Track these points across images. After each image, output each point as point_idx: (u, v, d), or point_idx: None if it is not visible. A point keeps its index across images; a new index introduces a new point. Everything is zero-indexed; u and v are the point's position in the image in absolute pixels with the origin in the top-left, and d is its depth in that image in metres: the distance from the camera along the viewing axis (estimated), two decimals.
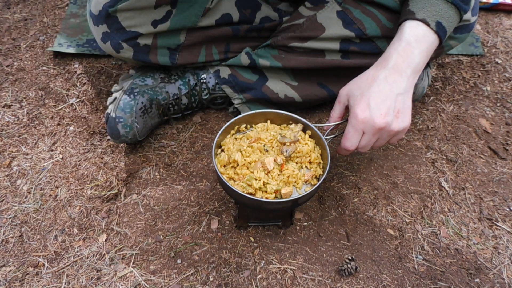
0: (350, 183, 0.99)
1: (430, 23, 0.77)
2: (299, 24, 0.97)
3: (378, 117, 0.74)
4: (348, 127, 0.77)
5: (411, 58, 0.76)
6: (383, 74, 0.76)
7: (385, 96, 0.75)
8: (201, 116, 1.12)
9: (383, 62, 0.77)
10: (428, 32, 0.78)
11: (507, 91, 1.22)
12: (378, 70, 0.77)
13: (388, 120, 0.74)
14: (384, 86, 0.75)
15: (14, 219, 0.91)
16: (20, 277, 0.82)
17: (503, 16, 1.47)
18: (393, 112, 0.75)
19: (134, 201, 0.95)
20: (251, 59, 1.01)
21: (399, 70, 0.76)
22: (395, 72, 0.76)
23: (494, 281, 0.84)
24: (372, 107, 0.74)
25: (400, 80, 0.76)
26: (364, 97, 0.75)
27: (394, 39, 0.79)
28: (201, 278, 0.83)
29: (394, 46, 0.78)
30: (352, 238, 0.90)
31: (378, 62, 0.79)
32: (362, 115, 0.74)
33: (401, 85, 0.75)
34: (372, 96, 0.75)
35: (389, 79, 0.75)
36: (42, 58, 1.27)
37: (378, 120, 0.74)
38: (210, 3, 0.93)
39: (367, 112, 0.74)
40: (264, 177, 0.76)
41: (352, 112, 0.76)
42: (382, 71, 0.76)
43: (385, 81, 0.75)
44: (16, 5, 1.44)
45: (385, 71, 0.76)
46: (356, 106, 0.75)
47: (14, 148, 1.04)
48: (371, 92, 0.75)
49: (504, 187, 1.00)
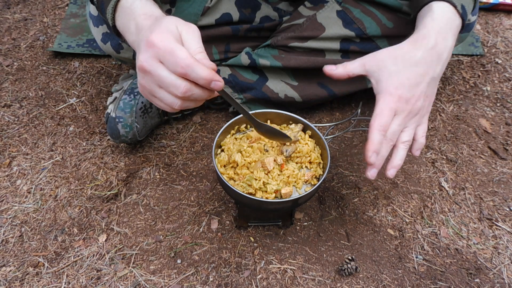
0: (350, 183, 0.99)
1: (457, 6, 0.71)
2: (299, 24, 0.97)
3: (413, 99, 0.68)
4: (380, 104, 0.68)
5: (447, 41, 0.70)
6: (422, 54, 0.68)
7: (422, 78, 0.68)
8: (201, 116, 1.12)
9: (423, 40, 0.69)
10: (455, 16, 0.71)
11: (507, 91, 1.22)
12: (417, 48, 0.69)
13: (419, 104, 0.69)
14: (421, 68, 0.68)
15: (14, 219, 0.91)
16: (20, 277, 0.82)
17: (503, 16, 1.47)
18: (424, 96, 0.69)
19: (134, 201, 0.95)
20: (251, 59, 1.01)
21: (438, 52, 0.69)
22: (435, 54, 0.69)
23: (494, 281, 0.84)
24: (408, 87, 0.67)
25: (437, 63, 0.70)
26: (401, 75, 0.68)
27: (426, 18, 0.71)
28: (201, 278, 0.83)
29: (430, 25, 0.70)
30: (352, 238, 0.90)
31: (416, 38, 0.70)
32: (398, 92, 0.67)
33: (437, 69, 0.70)
34: (409, 76, 0.68)
35: (427, 60, 0.69)
36: (42, 58, 1.27)
37: (413, 101, 0.68)
38: (209, 2, 0.93)
39: (402, 90, 0.67)
40: (264, 177, 0.76)
41: (385, 88, 0.68)
42: (421, 50, 0.68)
43: (423, 62, 0.68)
44: (16, 5, 1.44)
45: (425, 51, 0.68)
46: (391, 83, 0.68)
47: (14, 148, 1.04)
48: (409, 71, 0.68)
49: (504, 187, 1.00)
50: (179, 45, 0.57)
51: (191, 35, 0.60)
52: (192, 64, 0.56)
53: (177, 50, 0.56)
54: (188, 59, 0.56)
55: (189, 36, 0.60)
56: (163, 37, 0.57)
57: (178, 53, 0.56)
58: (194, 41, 0.60)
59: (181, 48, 0.57)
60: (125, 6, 0.68)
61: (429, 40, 0.69)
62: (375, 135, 0.67)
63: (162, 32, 0.58)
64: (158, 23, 0.60)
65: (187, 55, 0.56)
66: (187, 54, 0.56)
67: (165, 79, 0.58)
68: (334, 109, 1.16)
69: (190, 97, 0.60)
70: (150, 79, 0.60)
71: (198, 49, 0.60)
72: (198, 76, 0.57)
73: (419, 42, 0.69)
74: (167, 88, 0.59)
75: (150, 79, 0.60)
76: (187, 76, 0.57)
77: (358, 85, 1.04)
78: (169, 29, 0.59)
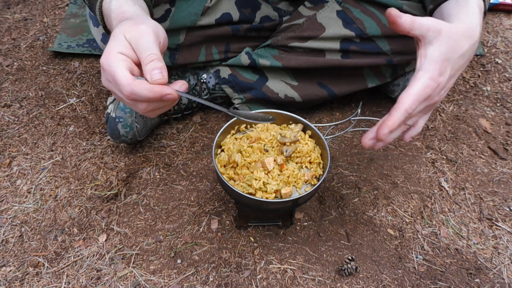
0: (350, 183, 0.99)
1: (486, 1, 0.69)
2: (299, 24, 0.97)
3: (444, 90, 0.66)
4: (420, 85, 0.62)
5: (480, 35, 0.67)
6: (468, 47, 0.64)
7: (458, 72, 0.66)
8: (201, 116, 1.12)
9: (472, 33, 0.65)
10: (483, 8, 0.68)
11: (507, 91, 1.22)
12: (466, 39, 0.64)
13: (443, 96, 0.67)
14: (462, 60, 0.65)
15: (14, 219, 0.91)
16: (20, 277, 0.82)
17: (503, 16, 1.47)
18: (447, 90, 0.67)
19: (134, 201, 0.95)
20: (251, 59, 1.01)
21: (474, 50, 0.66)
22: (473, 50, 0.66)
23: (494, 281, 0.84)
24: (448, 77, 0.64)
25: (471, 56, 0.67)
26: (448, 62, 0.63)
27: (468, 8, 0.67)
28: (201, 278, 0.83)
29: (476, 18, 0.66)
30: (352, 238, 0.90)
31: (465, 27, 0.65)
32: (440, 79, 0.63)
33: (467, 62, 0.67)
34: (453, 66, 0.64)
35: (468, 55, 0.66)
36: (42, 58, 1.27)
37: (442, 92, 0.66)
38: (209, 2, 0.93)
39: (443, 79, 0.63)
40: (264, 177, 0.76)
41: (430, 69, 0.63)
42: (468, 42, 0.64)
43: (466, 55, 0.66)
44: (16, 5, 1.44)
45: (470, 45, 0.65)
46: (437, 66, 0.63)
47: (14, 148, 1.04)
48: (454, 61, 0.64)
49: (504, 187, 1.00)
50: (121, 69, 0.56)
51: (141, 40, 0.58)
52: (134, 90, 0.56)
53: (117, 77, 0.56)
54: (128, 86, 0.56)
55: (139, 42, 0.58)
56: (108, 61, 0.57)
57: (119, 81, 0.56)
58: (145, 47, 0.58)
59: (121, 74, 0.56)
60: (106, 8, 0.67)
61: (474, 34, 0.65)
62: (401, 115, 0.62)
63: (109, 51, 0.57)
64: (111, 37, 0.59)
65: (127, 81, 0.56)
66: (127, 80, 0.56)
67: (123, 99, 0.59)
68: (334, 109, 1.16)
69: (155, 110, 0.60)
70: (115, 96, 0.61)
71: (149, 57, 0.57)
72: (145, 97, 0.56)
73: (469, 33, 0.65)
74: (129, 106, 0.60)
75: (115, 96, 0.61)
76: (136, 99, 0.57)
77: (358, 85, 1.04)
78: (118, 42, 0.58)
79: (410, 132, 0.70)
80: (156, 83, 0.57)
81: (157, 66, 0.57)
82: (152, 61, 0.57)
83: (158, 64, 0.57)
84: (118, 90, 0.58)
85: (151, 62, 0.57)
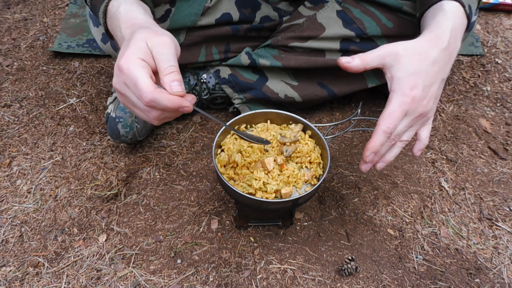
0: (350, 183, 0.99)
1: (465, 6, 0.70)
2: (299, 24, 0.97)
3: (425, 100, 0.66)
4: (392, 104, 0.65)
5: (457, 43, 0.69)
6: (437, 55, 0.66)
7: (435, 79, 0.67)
8: (201, 116, 1.12)
9: (438, 41, 0.67)
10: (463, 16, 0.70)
11: (507, 91, 1.22)
12: (432, 47, 0.67)
13: (429, 106, 0.67)
14: (435, 68, 0.67)
15: (14, 219, 0.91)
16: (20, 277, 0.82)
17: (503, 16, 1.47)
18: (433, 98, 0.68)
19: (134, 201, 0.95)
20: (251, 59, 1.01)
21: (450, 54, 0.68)
22: (447, 55, 0.68)
23: (494, 281, 0.84)
24: (422, 88, 0.66)
25: (448, 65, 0.69)
26: (417, 75, 0.66)
27: (438, 17, 0.69)
28: (201, 278, 0.83)
29: (445, 25, 0.68)
30: (352, 238, 0.90)
31: (431, 37, 0.68)
32: (412, 93, 0.65)
33: (447, 70, 0.69)
34: (424, 77, 0.66)
35: (440, 62, 0.67)
36: (42, 58, 1.27)
37: (424, 103, 0.66)
38: (209, 2, 0.93)
39: (417, 91, 0.65)
40: (264, 177, 0.76)
41: (400, 87, 0.66)
42: (436, 50, 0.67)
43: (437, 63, 0.67)
44: (16, 5, 1.44)
45: (439, 52, 0.67)
46: (406, 82, 0.65)
47: (14, 148, 1.04)
48: (424, 72, 0.66)
49: (504, 187, 1.00)
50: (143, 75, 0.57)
51: (163, 50, 0.59)
52: (155, 98, 0.56)
53: (140, 83, 0.56)
54: (150, 93, 0.56)
55: (160, 52, 0.59)
56: (129, 65, 0.57)
57: (141, 86, 0.56)
58: (166, 58, 0.59)
59: (144, 81, 0.56)
60: (112, 11, 0.67)
61: (443, 40, 0.67)
62: (380, 136, 0.66)
63: (130, 55, 0.58)
64: (130, 42, 0.59)
65: (149, 89, 0.56)
66: (150, 88, 0.56)
67: (137, 103, 0.59)
68: (334, 109, 1.16)
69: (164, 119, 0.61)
70: (125, 99, 0.61)
71: (169, 69, 0.58)
72: (164, 106, 0.57)
73: (434, 41, 0.67)
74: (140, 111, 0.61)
75: (125, 99, 0.61)
76: (154, 107, 0.58)
77: (358, 85, 1.04)
78: (139, 48, 0.58)
79: (417, 145, 0.73)
80: (176, 94, 0.58)
81: (176, 78, 0.58)
82: (172, 73, 0.58)
83: (177, 76, 0.58)
84: (135, 95, 0.58)
85: (171, 74, 0.58)
